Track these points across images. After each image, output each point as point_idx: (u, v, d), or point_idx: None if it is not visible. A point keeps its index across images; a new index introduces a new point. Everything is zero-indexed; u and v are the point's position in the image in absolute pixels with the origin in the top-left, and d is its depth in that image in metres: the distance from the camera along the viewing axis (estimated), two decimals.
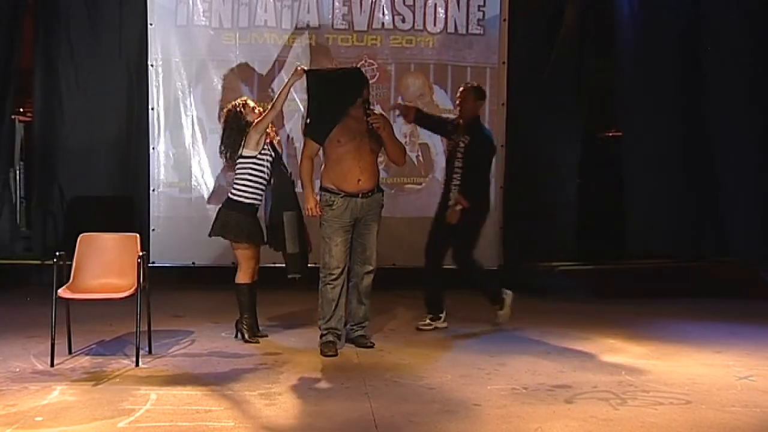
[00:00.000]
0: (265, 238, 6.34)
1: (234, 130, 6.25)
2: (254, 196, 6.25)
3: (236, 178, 6.29)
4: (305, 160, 6.14)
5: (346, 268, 6.13)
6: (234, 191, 6.27)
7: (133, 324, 5.69)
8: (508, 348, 6.25)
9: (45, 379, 5.31)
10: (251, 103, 6.38)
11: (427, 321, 6.91)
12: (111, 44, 8.55)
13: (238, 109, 6.30)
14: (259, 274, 6.44)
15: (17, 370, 5.51)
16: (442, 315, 6.92)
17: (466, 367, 5.72)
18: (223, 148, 6.33)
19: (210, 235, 6.37)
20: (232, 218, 6.22)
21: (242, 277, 6.34)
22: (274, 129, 6.48)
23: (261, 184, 6.26)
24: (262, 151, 6.23)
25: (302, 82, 6.19)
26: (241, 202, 6.23)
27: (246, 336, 6.34)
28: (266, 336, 6.48)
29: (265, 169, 6.26)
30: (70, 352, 5.89)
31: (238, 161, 6.25)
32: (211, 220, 8.25)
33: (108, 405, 4.80)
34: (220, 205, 6.39)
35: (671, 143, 8.36)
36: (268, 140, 6.30)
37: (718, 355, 6.10)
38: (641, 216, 8.38)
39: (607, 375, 5.53)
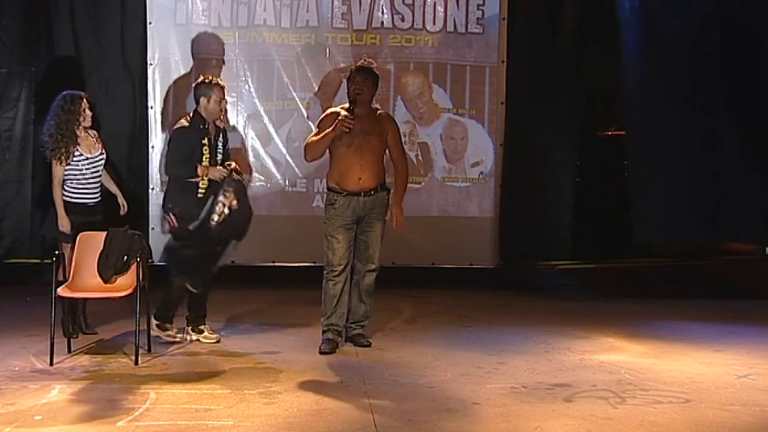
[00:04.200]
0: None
1: (65, 134, 6.09)
2: (79, 194, 6.20)
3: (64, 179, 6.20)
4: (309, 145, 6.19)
5: (349, 266, 6.14)
6: (65, 191, 6.20)
7: (132, 323, 5.70)
8: (507, 347, 6.26)
9: (44, 377, 5.31)
10: (86, 107, 6.21)
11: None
12: (113, 43, 8.53)
13: (81, 105, 6.17)
14: None
15: (16, 368, 5.52)
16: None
17: (466, 365, 5.72)
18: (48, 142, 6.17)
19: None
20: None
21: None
22: (97, 137, 6.37)
23: (91, 179, 6.23)
24: (74, 159, 6.15)
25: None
26: (70, 201, 6.18)
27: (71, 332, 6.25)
28: (95, 333, 6.39)
29: (82, 169, 6.18)
30: (69, 351, 5.90)
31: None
32: None
33: (107, 404, 4.80)
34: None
35: (674, 142, 8.33)
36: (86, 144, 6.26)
37: (718, 353, 6.10)
38: (641, 215, 8.36)
39: (607, 374, 5.53)
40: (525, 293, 8.48)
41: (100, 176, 6.32)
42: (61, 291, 5.70)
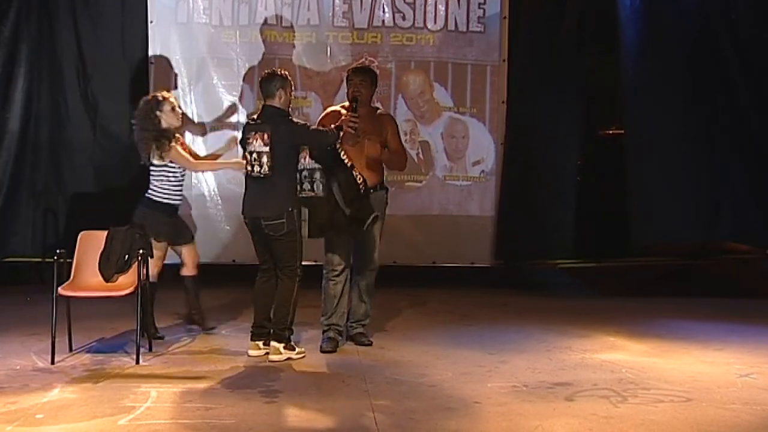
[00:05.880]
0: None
1: (149, 132, 6.20)
2: (172, 196, 6.29)
3: (153, 180, 6.27)
4: None
5: (349, 265, 6.14)
6: (154, 192, 6.27)
7: (133, 322, 5.70)
8: (508, 345, 6.25)
9: (45, 376, 5.32)
10: (172, 102, 6.31)
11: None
12: (114, 42, 8.55)
13: (152, 106, 6.25)
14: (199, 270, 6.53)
15: (18, 367, 5.52)
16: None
17: (467, 364, 5.72)
18: (140, 142, 6.31)
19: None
20: (149, 217, 6.22)
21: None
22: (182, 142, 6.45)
23: (178, 184, 6.31)
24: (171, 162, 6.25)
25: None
26: (159, 202, 6.26)
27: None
28: (162, 338, 6.33)
29: (176, 173, 6.28)
30: (70, 350, 5.90)
31: (152, 167, 6.26)
32: (212, 219, 8.29)
33: (108, 402, 4.80)
34: (139, 204, 6.38)
35: (675, 141, 8.34)
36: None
37: (719, 352, 6.09)
38: (642, 214, 8.36)
39: (608, 372, 5.53)
40: (525, 292, 8.48)
41: (184, 178, 6.41)
42: (62, 290, 5.70)
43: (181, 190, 6.40)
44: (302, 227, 5.88)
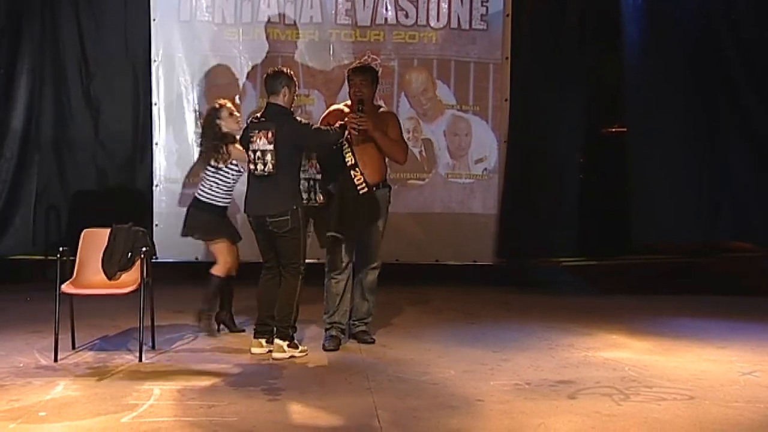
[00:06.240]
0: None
1: (209, 138, 6.30)
2: (219, 198, 6.32)
3: (205, 180, 6.34)
4: None
5: (351, 263, 6.14)
6: (203, 193, 6.32)
7: (136, 319, 5.71)
8: (510, 343, 6.26)
9: (48, 374, 5.33)
10: (229, 108, 6.37)
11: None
12: (117, 40, 8.55)
13: (212, 116, 6.35)
14: (237, 272, 6.51)
15: (21, 365, 5.53)
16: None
17: (469, 362, 5.72)
18: (203, 151, 6.43)
19: (182, 235, 6.47)
20: (201, 219, 6.29)
21: (217, 269, 6.35)
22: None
23: (229, 189, 6.35)
24: (230, 165, 6.28)
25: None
26: (205, 202, 6.31)
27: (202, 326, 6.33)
28: (243, 331, 6.45)
29: (232, 175, 6.33)
30: (73, 347, 5.91)
31: (209, 168, 6.33)
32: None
33: (111, 400, 4.81)
34: (189, 205, 6.45)
35: (676, 139, 8.33)
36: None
37: (722, 350, 6.09)
38: (644, 212, 8.36)
39: (610, 370, 5.53)
40: (528, 290, 8.47)
41: (236, 184, 6.43)
42: (65, 288, 5.71)
43: (230, 194, 6.40)
44: (308, 237, 5.95)
